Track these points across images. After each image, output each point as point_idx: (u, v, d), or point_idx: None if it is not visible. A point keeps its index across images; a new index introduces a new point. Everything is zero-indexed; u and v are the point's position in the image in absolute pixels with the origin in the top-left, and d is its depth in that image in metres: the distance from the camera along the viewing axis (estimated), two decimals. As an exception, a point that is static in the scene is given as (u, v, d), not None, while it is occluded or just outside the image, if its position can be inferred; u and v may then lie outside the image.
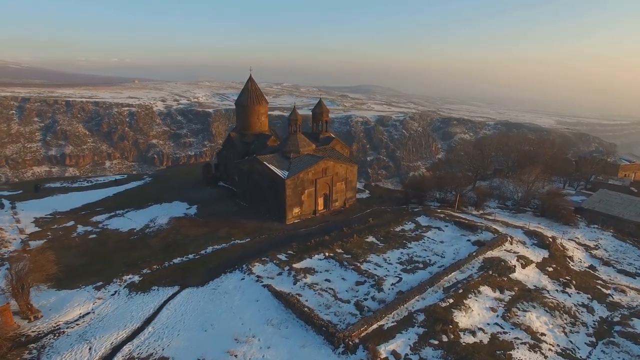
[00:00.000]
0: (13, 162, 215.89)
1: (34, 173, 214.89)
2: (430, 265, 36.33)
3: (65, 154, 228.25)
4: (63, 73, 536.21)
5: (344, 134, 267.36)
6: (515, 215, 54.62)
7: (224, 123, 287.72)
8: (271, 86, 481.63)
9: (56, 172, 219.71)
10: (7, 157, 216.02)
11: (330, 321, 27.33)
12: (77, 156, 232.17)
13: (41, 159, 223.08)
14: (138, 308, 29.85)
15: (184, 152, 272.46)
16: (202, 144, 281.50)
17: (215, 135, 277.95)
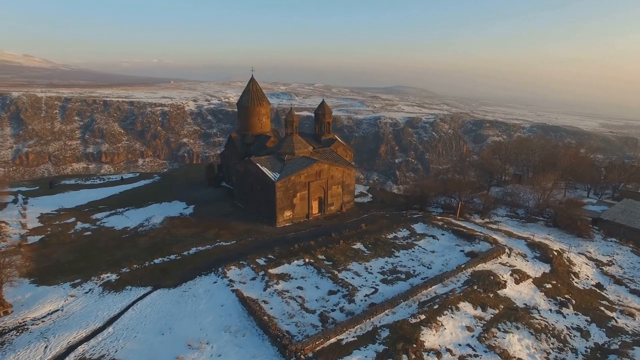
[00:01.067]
0: (55, 158, 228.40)
1: (72, 169, 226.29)
2: (413, 276, 34.39)
3: (101, 152, 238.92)
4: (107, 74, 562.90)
5: (372, 135, 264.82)
6: (525, 224, 51.17)
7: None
8: (303, 87, 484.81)
9: (93, 168, 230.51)
10: (50, 154, 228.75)
11: (289, 332, 26.24)
12: (113, 154, 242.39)
13: (80, 156, 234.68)
14: (106, 307, 29.94)
15: (214, 151, 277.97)
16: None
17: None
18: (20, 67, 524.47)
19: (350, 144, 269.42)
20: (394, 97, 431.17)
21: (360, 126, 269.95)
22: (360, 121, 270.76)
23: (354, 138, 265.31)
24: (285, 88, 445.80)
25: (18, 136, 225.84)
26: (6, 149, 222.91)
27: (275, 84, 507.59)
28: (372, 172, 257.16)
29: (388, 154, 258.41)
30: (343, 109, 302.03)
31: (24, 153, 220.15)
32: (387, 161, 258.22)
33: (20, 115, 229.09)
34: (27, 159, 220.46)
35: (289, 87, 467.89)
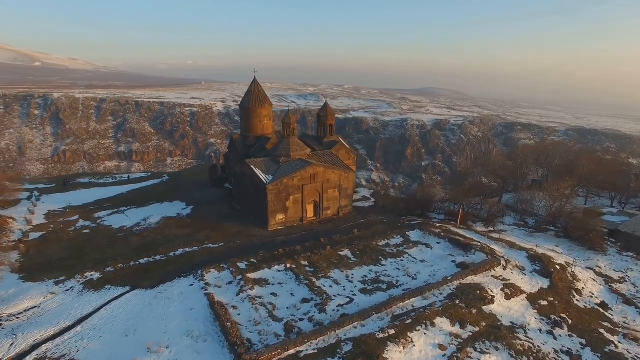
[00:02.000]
0: (89, 156, 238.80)
1: (105, 167, 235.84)
2: (395, 287, 32.87)
3: (132, 151, 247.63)
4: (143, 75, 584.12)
5: (398, 138, 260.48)
6: (532, 234, 48.16)
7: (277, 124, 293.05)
8: (332, 88, 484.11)
9: (124, 167, 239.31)
10: (85, 152, 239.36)
11: (250, 340, 25.59)
12: (143, 153, 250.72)
13: (112, 155, 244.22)
14: (80, 306, 30.35)
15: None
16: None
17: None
18: (65, 69, 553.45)
19: (376, 146, 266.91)
20: (425, 99, 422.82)
21: (386, 128, 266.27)
22: (386, 123, 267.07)
23: (379, 140, 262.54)
24: (314, 89, 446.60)
25: (57, 135, 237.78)
26: (46, 147, 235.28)
27: (305, 85, 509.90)
28: (398, 175, 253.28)
29: (414, 157, 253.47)
30: (370, 111, 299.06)
31: (62, 151, 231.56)
32: (413, 164, 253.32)
33: (59, 115, 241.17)
34: (64, 157, 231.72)
35: (317, 88, 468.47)
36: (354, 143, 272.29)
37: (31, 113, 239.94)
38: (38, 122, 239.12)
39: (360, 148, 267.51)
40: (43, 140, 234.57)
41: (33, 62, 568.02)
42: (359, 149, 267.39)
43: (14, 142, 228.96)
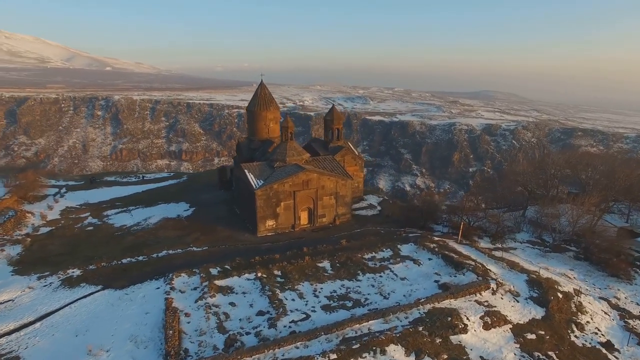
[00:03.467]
0: (143, 155, 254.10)
1: (157, 165, 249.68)
2: (361, 305, 30.69)
3: (182, 150, 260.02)
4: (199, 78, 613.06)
5: (445, 142, 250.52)
6: (546, 254, 43.24)
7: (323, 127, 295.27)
8: (382, 91, 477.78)
9: (174, 165, 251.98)
10: (139, 151, 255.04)
11: (188, 350, 24.95)
12: (192, 152, 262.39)
13: (163, 154, 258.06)
14: (50, 302, 31.48)
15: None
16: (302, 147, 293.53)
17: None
18: (131, 73, 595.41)
19: (421, 151, 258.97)
20: (478, 102, 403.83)
21: (433, 132, 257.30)
22: (433, 127, 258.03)
23: (425, 144, 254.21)
24: (363, 92, 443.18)
25: (116, 134, 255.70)
26: (106, 146, 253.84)
27: (355, 87, 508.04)
28: (444, 181, 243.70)
29: (462, 162, 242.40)
30: (417, 114, 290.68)
31: (119, 149, 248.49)
32: (460, 170, 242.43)
33: (118, 115, 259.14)
34: (121, 155, 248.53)
35: (367, 90, 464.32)
36: (399, 147, 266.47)
37: (95, 114, 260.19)
38: (100, 122, 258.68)
39: (405, 152, 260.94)
40: (104, 139, 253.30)
41: (104, 67, 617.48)
42: (404, 153, 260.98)
43: (80, 140, 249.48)
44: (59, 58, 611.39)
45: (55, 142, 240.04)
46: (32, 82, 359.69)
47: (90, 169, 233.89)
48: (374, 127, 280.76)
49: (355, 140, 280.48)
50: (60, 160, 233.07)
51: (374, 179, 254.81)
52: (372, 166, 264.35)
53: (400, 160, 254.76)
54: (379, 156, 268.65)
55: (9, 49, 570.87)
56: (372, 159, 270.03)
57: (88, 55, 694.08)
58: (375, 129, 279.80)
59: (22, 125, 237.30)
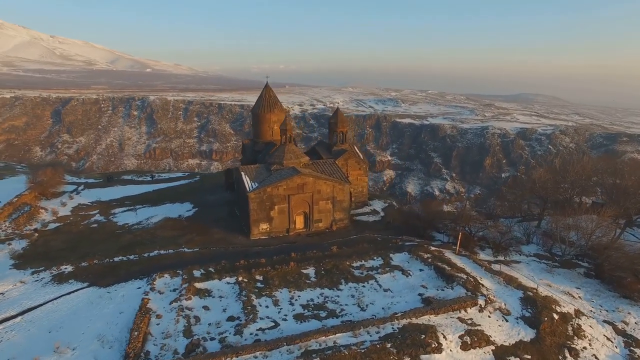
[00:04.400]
0: (175, 154, 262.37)
1: (188, 164, 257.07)
2: (336, 316, 29.63)
3: (212, 150, 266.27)
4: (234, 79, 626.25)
5: (477, 147, 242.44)
6: (552, 269, 40.28)
7: (352, 129, 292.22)
8: (415, 93, 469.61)
9: (204, 165, 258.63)
10: (172, 150, 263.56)
11: (149, 353, 24.92)
12: (222, 152, 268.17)
13: (194, 153, 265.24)
14: (36, 297, 32.48)
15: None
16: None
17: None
18: (169, 74, 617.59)
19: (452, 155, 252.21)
20: (516, 105, 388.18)
21: (464, 136, 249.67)
22: (464, 131, 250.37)
23: (456, 148, 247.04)
24: (395, 94, 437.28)
25: (150, 134, 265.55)
26: (141, 144, 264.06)
27: (387, 89, 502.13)
28: (475, 186, 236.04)
29: (494, 167, 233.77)
30: (449, 117, 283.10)
31: (152, 148, 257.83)
32: (492, 175, 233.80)
33: (153, 116, 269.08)
34: (154, 153, 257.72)
35: (400, 93, 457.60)
36: (429, 151, 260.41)
37: (131, 114, 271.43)
38: (136, 121, 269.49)
39: (435, 156, 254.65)
40: (139, 138, 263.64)
41: (145, 69, 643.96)
42: (434, 157, 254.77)
43: (117, 139, 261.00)
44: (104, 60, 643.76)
45: (95, 141, 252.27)
46: (78, 84, 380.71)
47: (125, 167, 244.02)
48: (404, 130, 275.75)
49: (384, 143, 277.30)
50: (98, 157, 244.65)
51: (403, 182, 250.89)
52: (401, 169, 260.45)
53: (430, 164, 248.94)
54: (408, 159, 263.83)
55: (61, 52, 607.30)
56: (401, 162, 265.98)
57: (131, 58, 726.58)
58: (405, 132, 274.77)
59: (66, 124, 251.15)
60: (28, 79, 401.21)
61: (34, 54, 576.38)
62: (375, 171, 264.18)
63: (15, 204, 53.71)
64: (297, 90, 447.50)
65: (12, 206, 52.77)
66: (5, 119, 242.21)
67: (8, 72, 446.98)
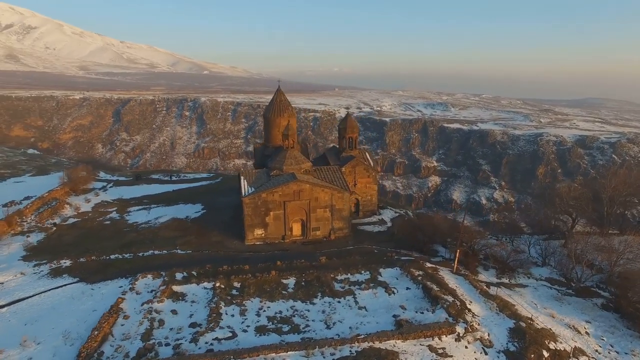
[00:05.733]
0: (222, 154, 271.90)
1: (234, 164, 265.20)
2: (299, 332, 28.46)
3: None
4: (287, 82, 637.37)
5: (529, 154, 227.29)
6: (563, 297, 36.13)
7: (398, 133, 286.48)
8: (468, 97, 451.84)
9: (250, 165, 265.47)
10: (219, 150, 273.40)
11: (102, 353, 25.36)
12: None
13: (241, 153, 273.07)
14: (28, 289, 34.45)
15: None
16: (374, 152, 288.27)
17: (388, 144, 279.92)
18: (224, 76, 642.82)
19: (502, 162, 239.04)
20: (580, 111, 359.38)
21: (516, 143, 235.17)
22: (516, 137, 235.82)
23: (507, 156, 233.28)
24: (447, 98, 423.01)
25: (199, 134, 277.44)
26: (191, 144, 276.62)
27: (439, 93, 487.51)
28: (526, 196, 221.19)
29: (547, 177, 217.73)
30: (500, 123, 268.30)
31: (201, 148, 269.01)
32: (545, 185, 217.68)
33: (203, 116, 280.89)
34: (202, 153, 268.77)
35: (452, 97, 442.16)
36: (477, 157, 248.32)
37: (183, 114, 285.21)
38: (187, 122, 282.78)
39: (484, 163, 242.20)
40: (189, 138, 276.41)
41: (202, 71, 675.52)
42: (482, 164, 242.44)
43: (169, 138, 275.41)
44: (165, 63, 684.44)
45: (149, 139, 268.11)
46: (140, 85, 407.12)
47: (175, 165, 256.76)
48: (452, 136, 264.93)
49: (430, 149, 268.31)
50: (151, 155, 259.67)
51: (448, 189, 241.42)
52: (447, 176, 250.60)
53: (478, 171, 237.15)
54: (455, 166, 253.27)
55: (127, 56, 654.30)
56: (447, 168, 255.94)
57: (190, 60, 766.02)
58: (452, 137, 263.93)
59: (124, 123, 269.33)
60: (98, 81, 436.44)
61: (105, 59, 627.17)
62: (420, 177, 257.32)
63: (45, 198, 57.78)
64: (346, 93, 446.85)
65: (41, 200, 56.82)
66: (74, 118, 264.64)
67: (82, 75, 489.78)
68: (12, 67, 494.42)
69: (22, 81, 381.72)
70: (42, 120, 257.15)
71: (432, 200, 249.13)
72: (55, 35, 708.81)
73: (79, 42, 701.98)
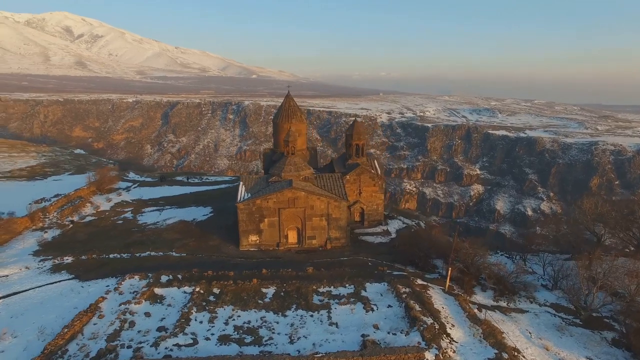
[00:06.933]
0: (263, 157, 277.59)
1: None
2: (259, 344, 27.82)
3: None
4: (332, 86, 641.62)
5: (582, 164, 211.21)
6: (566, 328, 32.60)
7: (440, 139, 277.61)
8: (518, 103, 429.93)
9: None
10: (260, 153, 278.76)
11: (66, 351, 26.22)
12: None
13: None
14: (26, 283, 36.56)
15: (397, 165, 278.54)
16: (415, 159, 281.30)
17: (430, 150, 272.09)
18: (272, 80, 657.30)
19: (550, 172, 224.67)
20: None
21: (567, 152, 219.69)
22: (568, 146, 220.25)
23: (556, 165, 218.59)
24: (495, 104, 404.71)
25: (242, 136, 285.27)
26: (233, 146, 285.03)
27: (487, 99, 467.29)
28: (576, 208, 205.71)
29: (602, 189, 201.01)
30: (551, 130, 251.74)
31: (243, 150, 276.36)
32: (600, 197, 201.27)
33: (246, 119, 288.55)
34: (244, 155, 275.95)
35: (501, 103, 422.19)
36: (524, 166, 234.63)
37: (227, 117, 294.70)
38: (231, 124, 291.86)
39: (531, 172, 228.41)
40: (232, 140, 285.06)
41: (251, 75, 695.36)
42: (529, 173, 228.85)
43: (213, 140, 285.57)
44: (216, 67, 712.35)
45: (194, 141, 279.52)
46: (190, 89, 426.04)
47: (217, 167, 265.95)
48: (497, 143, 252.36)
49: (473, 156, 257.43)
50: (196, 157, 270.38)
51: (492, 198, 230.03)
52: (491, 185, 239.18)
53: (524, 180, 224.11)
54: (500, 174, 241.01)
55: (181, 61, 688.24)
56: (491, 177, 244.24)
57: (240, 65, 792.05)
58: (497, 145, 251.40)
59: (172, 125, 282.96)
60: (152, 85, 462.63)
61: (160, 63, 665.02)
62: (462, 185, 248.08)
63: (71, 196, 61.54)
64: (390, 98, 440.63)
65: (67, 198, 60.56)
66: (127, 119, 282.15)
67: (139, 79, 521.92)
68: (80, 73, 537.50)
69: (86, 86, 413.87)
70: (99, 122, 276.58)
71: (474, 209, 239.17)
72: (118, 43, 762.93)
73: (138, 49, 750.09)
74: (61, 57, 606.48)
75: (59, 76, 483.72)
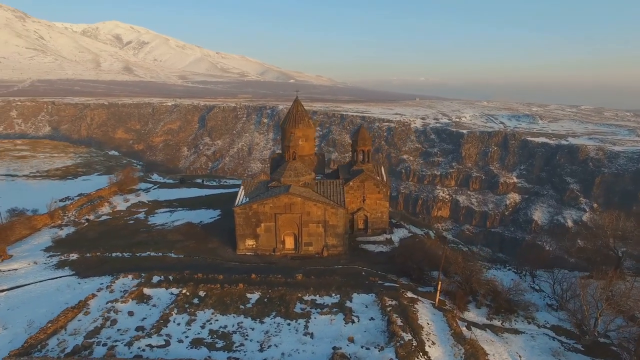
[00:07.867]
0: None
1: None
2: (228, 350, 27.68)
3: (330, 159, 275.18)
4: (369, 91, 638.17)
5: (631, 174, 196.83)
6: (563, 354, 30.13)
7: (475, 146, 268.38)
8: (563, 109, 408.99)
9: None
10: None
11: (46, 345, 27.32)
12: (339, 162, 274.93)
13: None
14: (30, 277, 38.69)
15: (430, 171, 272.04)
16: (449, 165, 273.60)
17: (464, 157, 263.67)
18: (309, 85, 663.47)
19: (594, 182, 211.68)
20: None
21: (613, 160, 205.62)
22: (615, 154, 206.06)
23: (601, 174, 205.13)
24: (537, 109, 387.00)
25: (275, 140, 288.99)
26: (267, 150, 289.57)
27: (529, 104, 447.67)
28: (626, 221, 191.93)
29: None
30: (596, 138, 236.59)
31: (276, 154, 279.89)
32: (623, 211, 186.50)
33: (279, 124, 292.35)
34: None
35: (544, 108, 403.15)
36: (564, 175, 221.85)
37: (262, 121, 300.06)
38: (265, 128, 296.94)
39: (572, 182, 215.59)
40: (265, 144, 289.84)
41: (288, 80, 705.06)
42: (570, 182, 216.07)
43: (247, 143, 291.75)
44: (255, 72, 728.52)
45: (229, 144, 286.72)
46: (228, 93, 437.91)
47: (251, 170, 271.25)
48: (536, 150, 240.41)
49: (510, 164, 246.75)
50: (230, 160, 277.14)
51: (529, 208, 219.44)
52: (528, 194, 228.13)
53: (565, 190, 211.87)
54: (538, 183, 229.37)
55: (222, 66, 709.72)
56: (529, 185, 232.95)
57: (278, 70, 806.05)
58: (536, 152, 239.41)
59: (208, 129, 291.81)
60: (193, 89, 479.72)
61: (201, 68, 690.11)
62: (498, 193, 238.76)
63: (92, 196, 64.73)
64: (426, 103, 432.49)
65: (87, 198, 63.77)
66: (166, 122, 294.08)
67: (180, 84, 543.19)
68: (126, 78, 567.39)
69: (131, 90, 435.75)
70: (140, 125, 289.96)
71: (510, 219, 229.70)
72: (162, 49, 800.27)
73: (181, 54, 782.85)
74: (110, 63, 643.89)
75: (108, 81, 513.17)
